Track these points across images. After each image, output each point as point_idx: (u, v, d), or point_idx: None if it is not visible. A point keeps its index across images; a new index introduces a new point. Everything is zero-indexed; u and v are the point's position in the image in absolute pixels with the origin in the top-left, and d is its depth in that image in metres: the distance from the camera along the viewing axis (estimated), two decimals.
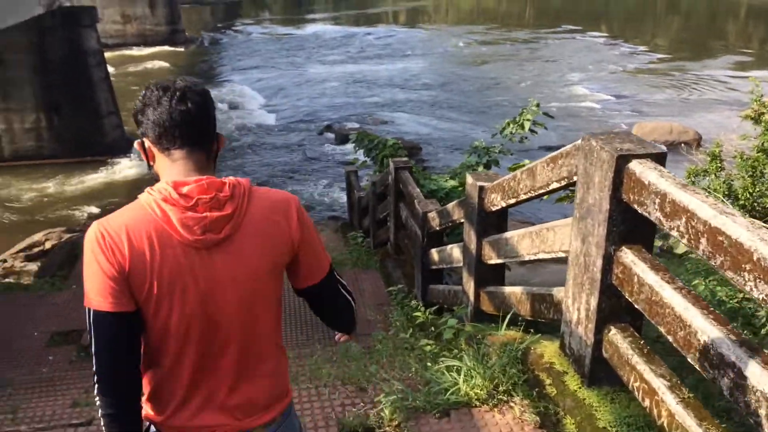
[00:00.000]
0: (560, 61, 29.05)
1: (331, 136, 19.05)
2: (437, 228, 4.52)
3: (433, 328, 3.65)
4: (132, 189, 15.04)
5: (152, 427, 1.66)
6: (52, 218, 13.49)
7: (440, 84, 25.47)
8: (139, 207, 1.52)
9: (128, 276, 1.48)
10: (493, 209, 3.28)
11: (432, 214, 4.57)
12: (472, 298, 3.57)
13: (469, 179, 3.47)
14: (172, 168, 1.55)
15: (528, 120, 7.54)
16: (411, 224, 5.36)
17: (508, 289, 3.18)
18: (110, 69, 19.61)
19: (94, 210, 13.53)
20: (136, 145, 1.62)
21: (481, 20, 42.22)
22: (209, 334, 1.57)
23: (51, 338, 4.87)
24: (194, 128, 1.55)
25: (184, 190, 1.50)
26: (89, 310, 1.49)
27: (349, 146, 18.38)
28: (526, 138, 7.59)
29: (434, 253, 4.60)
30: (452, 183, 6.92)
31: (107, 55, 22.15)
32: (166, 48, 31.26)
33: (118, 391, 1.54)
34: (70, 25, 16.86)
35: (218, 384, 1.62)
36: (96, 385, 1.53)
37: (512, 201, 3.01)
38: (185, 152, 1.55)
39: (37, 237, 10.41)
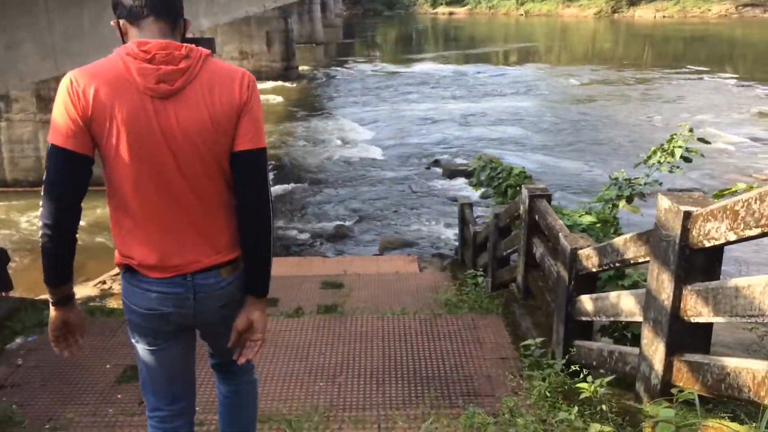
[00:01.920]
0: (685, 102, 27.08)
1: (438, 171, 18.30)
2: (593, 269, 3.53)
3: (603, 408, 2.64)
4: None
5: (126, 273, 1.91)
6: None
7: (552, 122, 24.26)
8: (107, 60, 1.74)
9: (91, 119, 1.70)
10: (706, 245, 2.28)
11: (586, 252, 3.58)
12: (659, 367, 2.55)
13: (665, 202, 2.48)
14: (139, 35, 1.78)
15: (679, 147, 6.41)
16: (549, 263, 4.38)
17: (735, 362, 2.15)
18: None
19: None
20: (112, 23, 1.82)
21: (595, 61, 40.62)
22: (165, 179, 1.78)
23: (124, 372, 4.23)
24: (159, 1, 1.78)
25: (146, 47, 1.72)
26: (48, 144, 1.72)
27: (457, 182, 17.57)
28: (678, 167, 6.46)
29: (586, 301, 3.60)
30: (589, 218, 5.87)
31: None
32: (280, 83, 31.94)
33: (58, 218, 1.74)
34: None
35: (181, 226, 1.83)
36: (40, 211, 1.75)
37: (751, 232, 2.01)
38: (151, 20, 1.77)
39: None
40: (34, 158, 16.87)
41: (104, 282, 10.25)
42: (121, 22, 1.81)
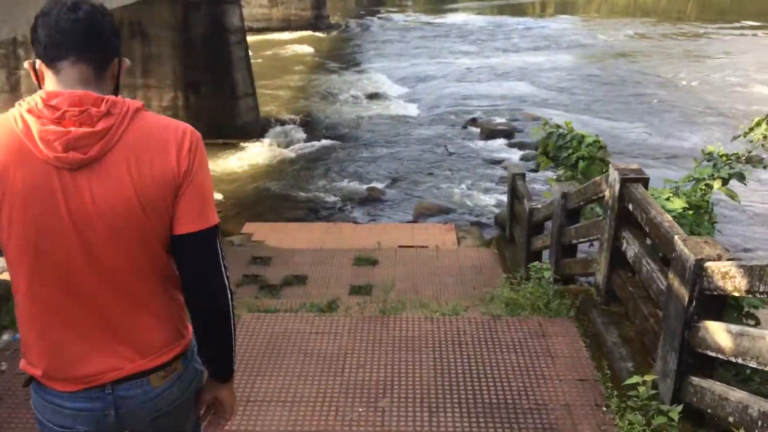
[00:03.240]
0: (737, 60, 25.45)
1: (475, 130, 17.24)
2: (732, 292, 2.63)
3: None
4: (260, 176, 14.04)
5: (34, 382, 1.53)
6: None
7: (597, 79, 22.91)
8: (4, 120, 1.37)
9: None
10: None
11: (722, 268, 2.67)
12: None
13: None
14: (55, 81, 1.40)
15: None
16: (649, 268, 3.48)
17: None
18: (252, 52, 18.89)
19: (218, 197, 12.44)
20: (26, 65, 1.46)
21: (637, 14, 38.70)
22: (71, 274, 1.41)
23: None
24: (81, 37, 1.37)
25: (54, 101, 1.35)
26: None
27: (495, 142, 16.48)
28: None
29: (717, 333, 2.71)
30: (680, 203, 4.88)
31: (252, 38, 21.61)
32: (309, 33, 30.75)
33: None
34: (215, 1, 16.15)
35: (93, 329, 1.46)
36: None
37: None
38: (70, 62, 1.39)
39: None
40: None
41: None
42: (37, 63, 1.41)
